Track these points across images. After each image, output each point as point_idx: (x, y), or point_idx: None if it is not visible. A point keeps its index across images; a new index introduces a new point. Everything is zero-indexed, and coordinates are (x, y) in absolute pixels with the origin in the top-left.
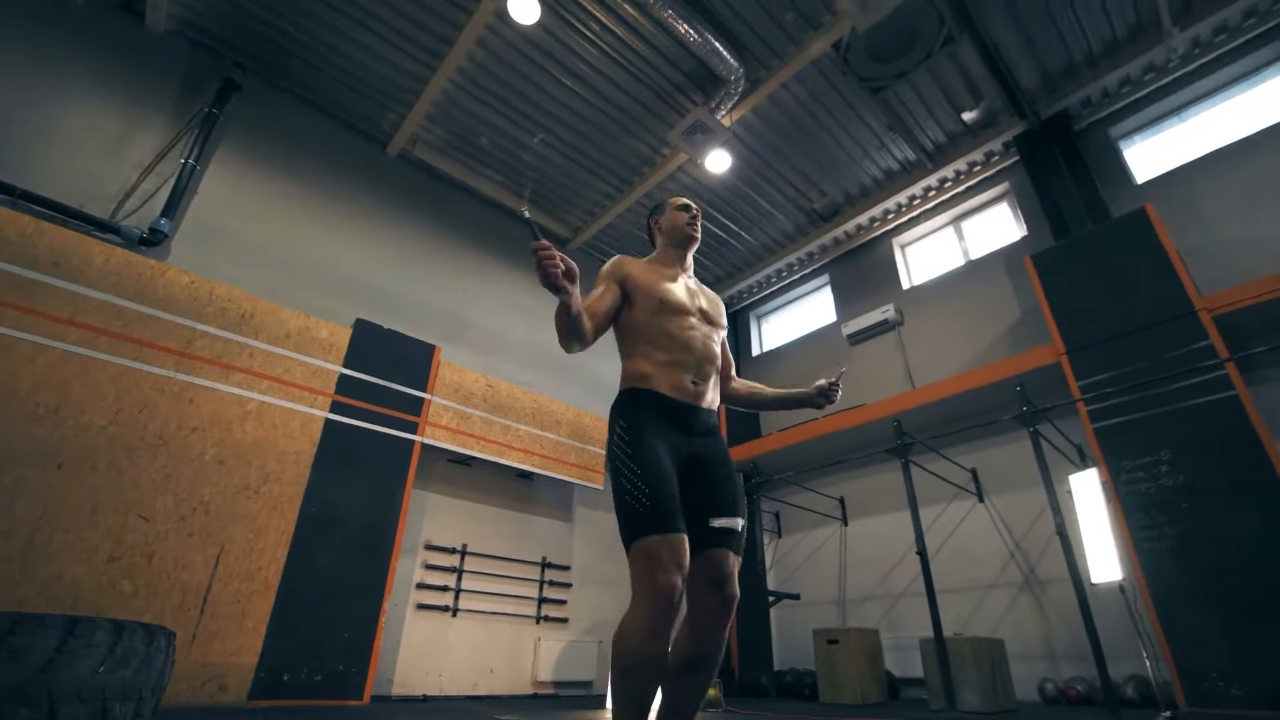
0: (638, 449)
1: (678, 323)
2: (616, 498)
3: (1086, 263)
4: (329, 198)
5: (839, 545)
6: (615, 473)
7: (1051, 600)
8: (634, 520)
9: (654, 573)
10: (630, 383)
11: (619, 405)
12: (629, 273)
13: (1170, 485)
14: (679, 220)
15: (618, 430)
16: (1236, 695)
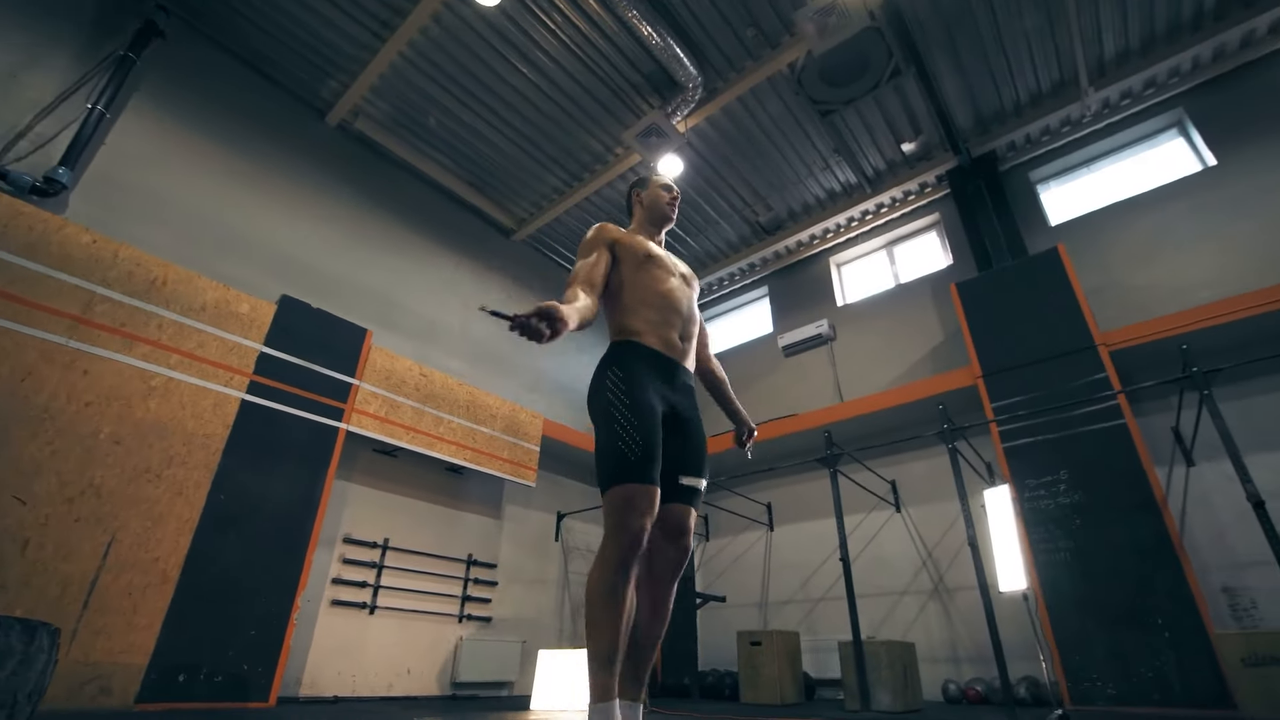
0: (634, 398)
1: (666, 283)
2: (606, 441)
3: (1004, 294)
4: (258, 163)
5: (764, 550)
6: (608, 418)
7: (958, 607)
8: (623, 465)
9: (630, 515)
10: (622, 335)
11: (612, 355)
12: (615, 237)
13: (1066, 503)
14: (661, 198)
15: (611, 377)
16: (1111, 693)
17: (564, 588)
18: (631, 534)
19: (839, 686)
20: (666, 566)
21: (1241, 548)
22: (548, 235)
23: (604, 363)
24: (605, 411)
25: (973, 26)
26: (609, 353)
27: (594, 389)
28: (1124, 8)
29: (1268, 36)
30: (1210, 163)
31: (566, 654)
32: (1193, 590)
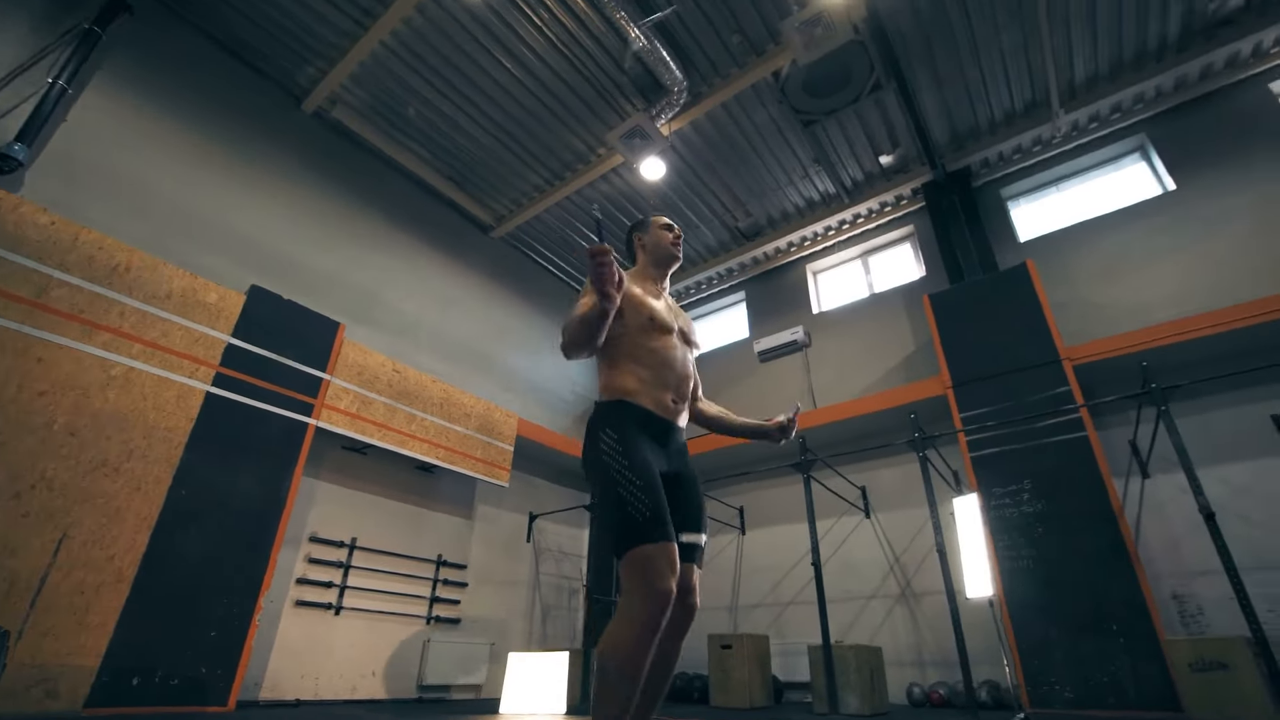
0: (634, 459)
1: (663, 341)
2: (611, 507)
3: (975, 307)
4: (229, 148)
5: (736, 553)
6: (609, 482)
7: (924, 611)
8: (633, 528)
9: (653, 579)
10: (614, 394)
11: (605, 416)
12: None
13: (1029, 512)
14: (664, 239)
15: (607, 440)
16: (1068, 697)
17: (535, 589)
18: (658, 595)
19: (807, 689)
20: (674, 625)
21: (1191, 557)
22: (527, 233)
23: (595, 424)
24: (606, 476)
25: (952, 43)
26: (600, 413)
27: (589, 452)
28: (1095, 33)
29: (1224, 70)
30: (1170, 187)
31: (537, 657)
32: (1146, 598)
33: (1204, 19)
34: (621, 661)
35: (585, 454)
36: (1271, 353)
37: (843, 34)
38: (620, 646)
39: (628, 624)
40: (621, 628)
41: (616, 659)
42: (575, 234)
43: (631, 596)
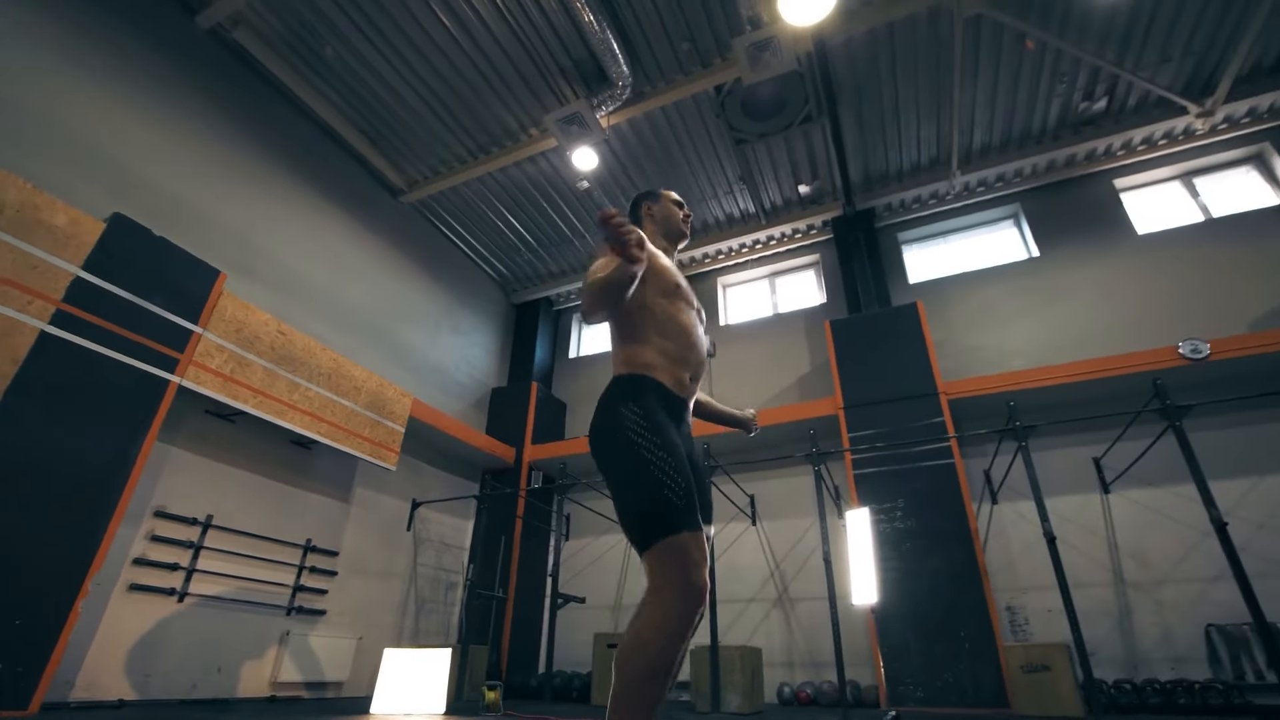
0: (665, 439)
1: (688, 315)
2: (641, 491)
3: (870, 337)
4: (101, 52)
5: (624, 552)
6: (639, 463)
7: (798, 616)
8: (669, 514)
9: (690, 570)
10: (635, 368)
11: (628, 390)
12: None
13: (901, 528)
14: (675, 214)
15: (632, 416)
16: (920, 696)
17: (411, 582)
18: (697, 589)
19: (684, 689)
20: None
21: (1024, 574)
22: (440, 204)
23: (615, 399)
24: (634, 455)
25: (878, 95)
26: (621, 388)
27: (607, 429)
28: (993, 110)
29: (1084, 161)
30: (1035, 254)
31: (414, 654)
32: (989, 609)
33: (1074, 115)
34: (652, 661)
35: (602, 432)
36: (1098, 404)
37: (787, 63)
38: (650, 644)
39: (660, 620)
40: (652, 624)
41: (647, 658)
42: (493, 212)
43: (664, 591)
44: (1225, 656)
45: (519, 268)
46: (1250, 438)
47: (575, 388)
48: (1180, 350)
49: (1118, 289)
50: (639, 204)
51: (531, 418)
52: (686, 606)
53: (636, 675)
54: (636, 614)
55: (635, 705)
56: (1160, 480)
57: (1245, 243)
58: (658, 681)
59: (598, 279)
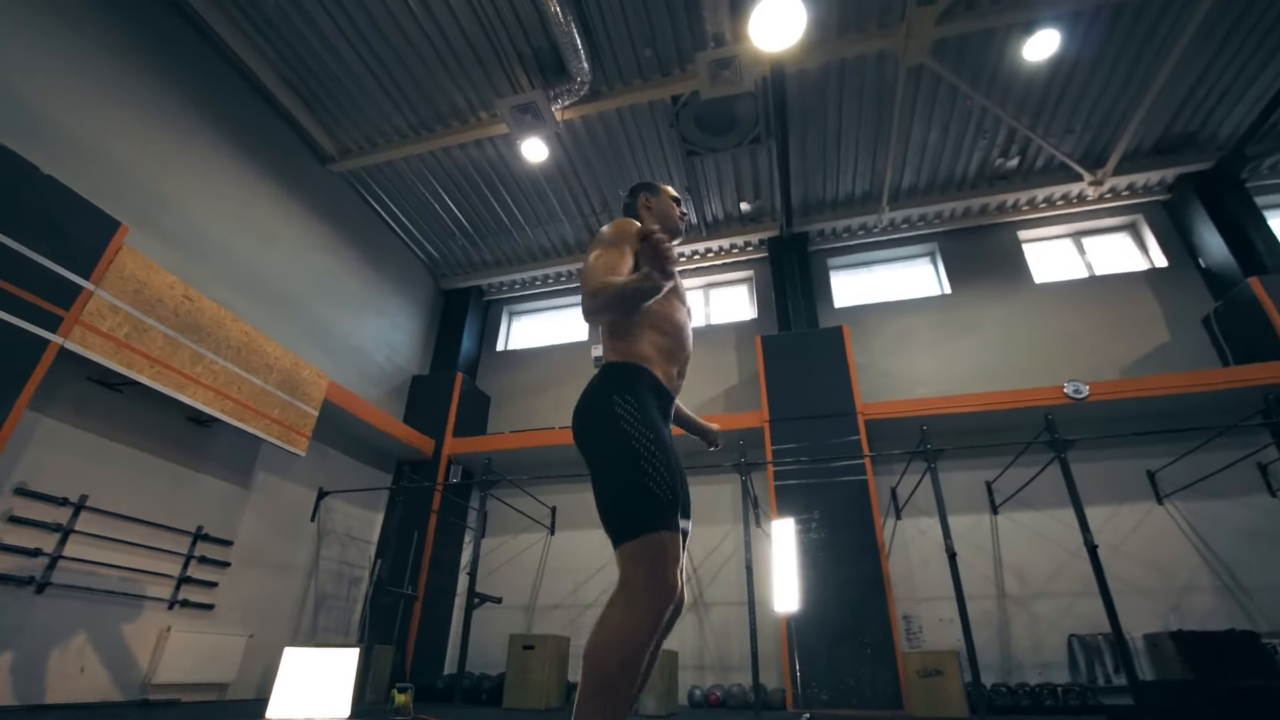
0: (657, 432)
1: (682, 313)
2: (627, 482)
3: (798, 355)
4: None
5: (541, 553)
6: (629, 454)
7: (711, 620)
8: (653, 510)
9: (665, 570)
10: (626, 357)
11: (620, 378)
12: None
13: (815, 539)
14: (673, 211)
15: (624, 406)
16: (824, 699)
17: (312, 576)
18: (670, 589)
19: None
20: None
21: (920, 586)
22: (373, 178)
23: (609, 386)
24: (624, 447)
25: (823, 126)
26: (612, 375)
27: (599, 416)
28: (924, 155)
29: (995, 211)
30: (947, 291)
31: (317, 654)
32: (891, 617)
33: (991, 169)
34: (623, 659)
35: (592, 417)
36: (995, 433)
37: (746, 83)
38: (620, 643)
39: (632, 618)
40: (623, 622)
41: (616, 657)
42: (429, 192)
43: (636, 588)
44: (1083, 663)
45: (451, 253)
46: (1113, 471)
47: (501, 382)
48: (1065, 390)
49: (1017, 330)
50: (637, 193)
51: (454, 409)
52: (658, 604)
53: (605, 674)
54: (606, 611)
55: (604, 704)
56: (1040, 504)
57: (1119, 299)
58: (627, 680)
59: (615, 285)
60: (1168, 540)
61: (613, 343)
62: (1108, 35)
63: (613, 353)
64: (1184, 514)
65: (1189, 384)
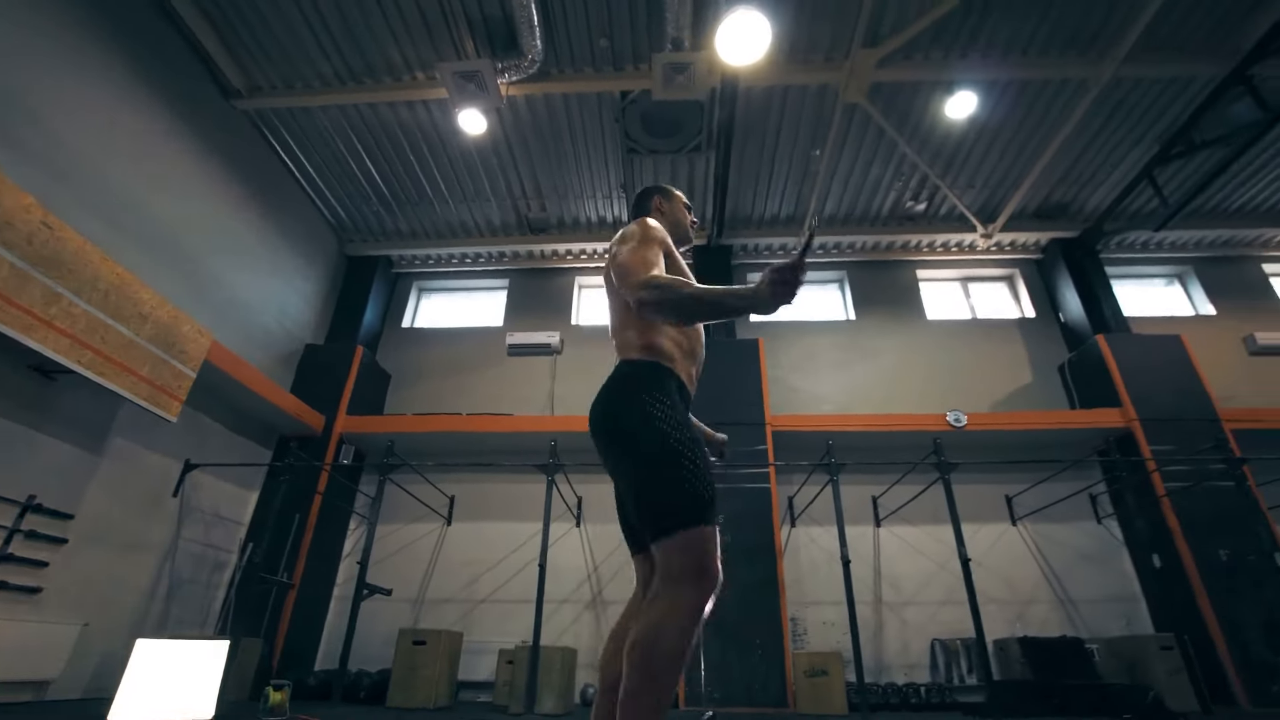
0: (690, 432)
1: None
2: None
3: (715, 363)
4: None
5: (435, 544)
6: (669, 453)
7: (609, 618)
8: (698, 505)
9: (710, 563)
10: (654, 356)
11: (650, 378)
12: (670, 246)
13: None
14: (685, 219)
15: (659, 405)
16: (716, 697)
17: (169, 558)
18: (713, 579)
19: (487, 689)
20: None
21: (809, 590)
22: (284, 123)
23: (637, 385)
24: (664, 445)
25: (761, 144)
26: (643, 373)
27: (626, 416)
28: (845, 187)
29: (899, 249)
30: (852, 317)
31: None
32: (782, 619)
33: (901, 209)
34: (674, 652)
35: (618, 418)
36: (886, 452)
37: (697, 91)
38: (673, 635)
39: (682, 610)
40: (673, 615)
41: (670, 650)
42: (347, 148)
43: (684, 582)
44: (942, 664)
45: (363, 217)
46: (977, 494)
47: (405, 360)
48: (947, 418)
49: (910, 359)
50: (650, 196)
51: (351, 385)
52: (703, 595)
53: (657, 668)
54: (651, 606)
55: (657, 696)
56: (917, 520)
57: (995, 342)
58: (675, 671)
59: (695, 290)
60: (1018, 557)
61: (636, 337)
62: (1013, 107)
63: (634, 350)
64: (1032, 535)
65: (1044, 422)
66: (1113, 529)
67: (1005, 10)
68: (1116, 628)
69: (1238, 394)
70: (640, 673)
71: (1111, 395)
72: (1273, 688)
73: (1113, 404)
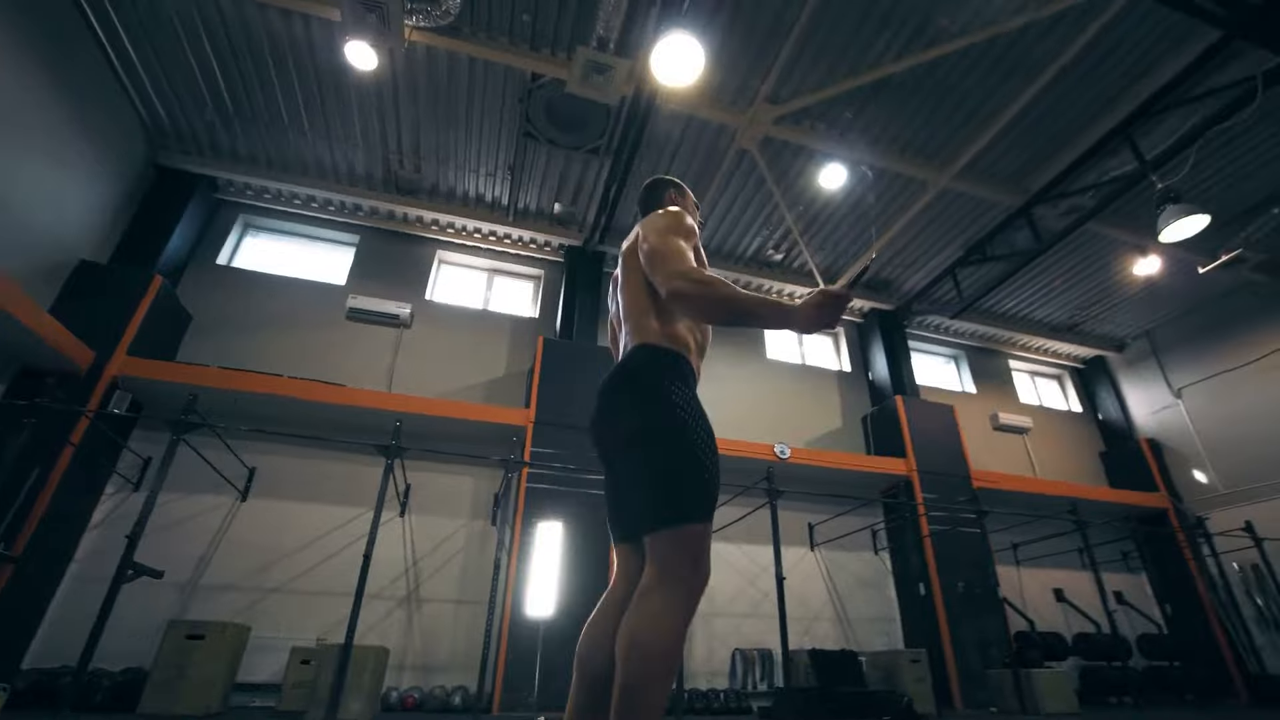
0: (708, 426)
1: None
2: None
3: (575, 365)
4: None
5: (223, 521)
6: (689, 444)
7: (423, 616)
8: (702, 500)
9: (704, 558)
10: (677, 345)
11: (674, 367)
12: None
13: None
14: (695, 217)
15: (681, 394)
16: (532, 701)
17: None
18: (705, 577)
19: (269, 692)
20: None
21: None
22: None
23: (662, 374)
24: (684, 436)
25: (655, 162)
26: (664, 361)
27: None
28: (720, 223)
29: (754, 290)
30: None
31: None
32: None
33: (762, 255)
34: (669, 648)
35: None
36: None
37: (610, 96)
38: (669, 633)
39: (679, 604)
40: (671, 609)
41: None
42: (193, 43)
43: (677, 576)
44: (740, 672)
45: (189, 126)
46: (785, 519)
47: (214, 302)
48: (775, 449)
49: (751, 391)
50: (665, 188)
51: (139, 320)
52: (696, 592)
53: (656, 666)
54: (646, 599)
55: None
56: (735, 538)
57: (817, 387)
58: (672, 669)
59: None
60: (811, 579)
61: (659, 326)
62: (870, 189)
63: (655, 336)
64: (825, 560)
65: (848, 463)
66: (885, 559)
67: (883, 109)
68: (880, 643)
69: (982, 460)
70: (641, 668)
71: (900, 447)
72: (979, 693)
73: (899, 454)
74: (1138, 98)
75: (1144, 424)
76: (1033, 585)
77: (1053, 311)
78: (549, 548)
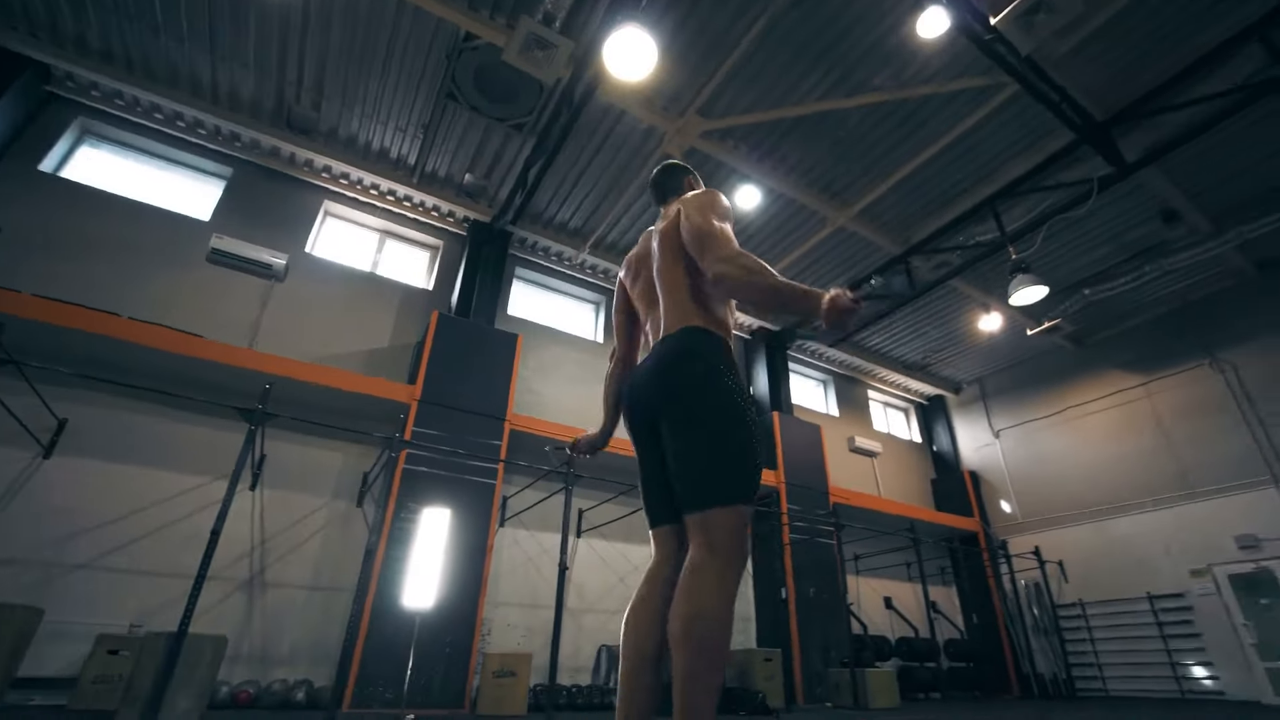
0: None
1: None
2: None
3: (470, 345)
4: None
5: (15, 481)
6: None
7: (266, 603)
8: (751, 483)
9: (747, 539)
10: (723, 330)
11: (727, 353)
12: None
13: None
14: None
15: (732, 378)
16: (388, 697)
17: None
18: (746, 555)
19: (60, 688)
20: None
21: (502, 592)
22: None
23: (713, 355)
24: (739, 419)
25: (579, 151)
26: (716, 346)
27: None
28: (632, 224)
29: None
30: (599, 340)
31: None
32: (477, 620)
33: None
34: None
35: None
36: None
37: (547, 75)
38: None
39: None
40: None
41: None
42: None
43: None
44: (604, 668)
45: (39, 5)
46: None
47: (32, 218)
48: None
49: None
50: (683, 174)
51: None
52: (740, 570)
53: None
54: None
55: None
56: (612, 536)
57: None
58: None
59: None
60: None
61: (706, 311)
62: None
63: (702, 319)
64: None
65: None
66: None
67: (800, 142)
68: (735, 642)
69: (839, 478)
70: (703, 654)
71: (772, 460)
72: (818, 689)
73: (771, 467)
74: (1007, 177)
75: (969, 458)
76: (868, 593)
77: (909, 351)
78: (429, 535)
